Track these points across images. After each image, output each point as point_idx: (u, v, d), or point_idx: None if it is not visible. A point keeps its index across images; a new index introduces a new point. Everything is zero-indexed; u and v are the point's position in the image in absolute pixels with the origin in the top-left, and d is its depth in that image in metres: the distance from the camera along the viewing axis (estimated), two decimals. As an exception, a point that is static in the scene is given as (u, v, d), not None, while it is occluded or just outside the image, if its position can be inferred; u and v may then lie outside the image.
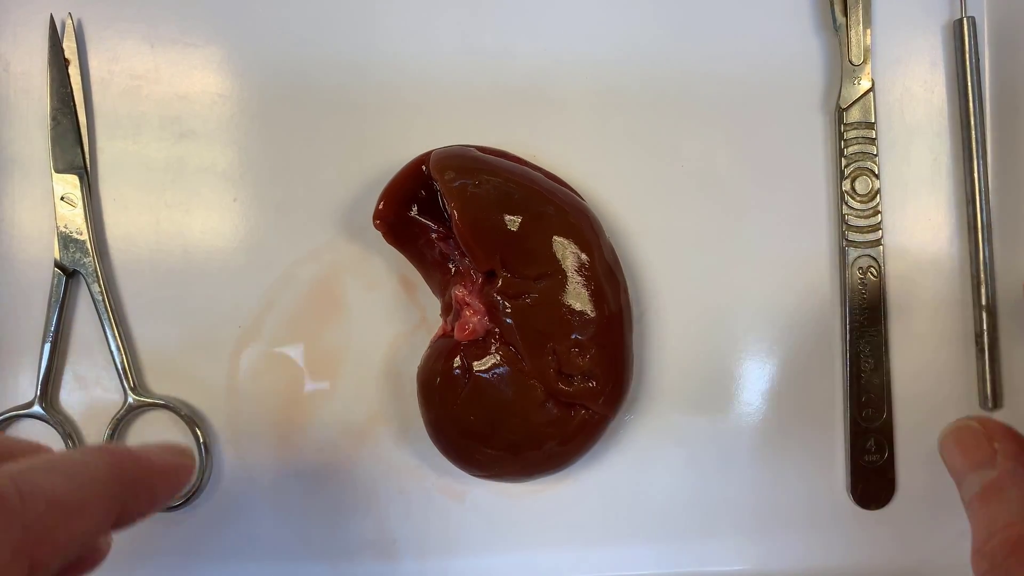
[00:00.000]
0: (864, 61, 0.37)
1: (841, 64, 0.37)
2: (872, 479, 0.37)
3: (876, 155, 0.37)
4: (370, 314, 0.37)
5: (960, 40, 0.37)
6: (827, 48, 0.38)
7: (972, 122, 0.37)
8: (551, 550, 0.38)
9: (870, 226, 0.37)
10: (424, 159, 0.35)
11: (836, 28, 0.37)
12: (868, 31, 0.37)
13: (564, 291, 0.33)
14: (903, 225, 0.38)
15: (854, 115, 0.37)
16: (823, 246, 0.38)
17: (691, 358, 0.38)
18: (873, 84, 0.37)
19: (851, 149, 0.37)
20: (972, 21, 0.37)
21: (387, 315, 0.37)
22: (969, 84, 0.37)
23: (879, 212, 0.37)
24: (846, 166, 0.37)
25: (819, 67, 0.38)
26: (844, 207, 0.37)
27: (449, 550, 0.38)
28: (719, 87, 0.38)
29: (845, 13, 0.37)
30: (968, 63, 0.37)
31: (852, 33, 0.37)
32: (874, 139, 0.37)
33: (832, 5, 0.37)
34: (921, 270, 0.38)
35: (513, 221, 0.33)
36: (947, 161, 0.38)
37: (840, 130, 0.37)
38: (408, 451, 0.37)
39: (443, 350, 0.35)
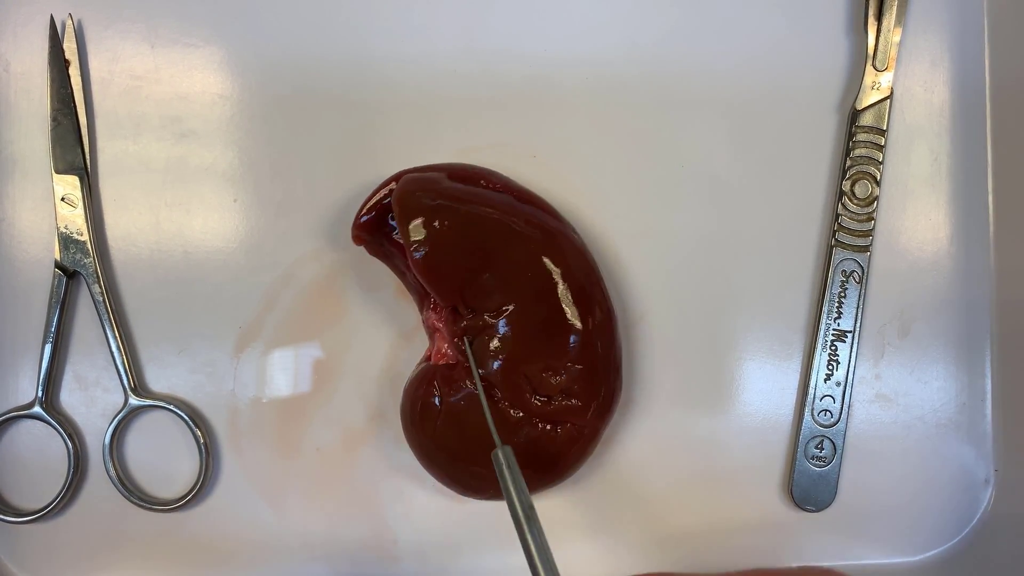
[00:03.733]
0: (887, 68, 0.37)
1: (864, 67, 0.37)
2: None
3: (881, 163, 0.37)
4: (370, 314, 0.37)
5: None
6: (848, 49, 0.38)
7: None
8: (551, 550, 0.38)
9: (862, 231, 0.37)
10: (397, 177, 0.34)
11: (866, 32, 0.37)
12: (897, 40, 0.37)
13: (529, 319, 0.33)
14: (901, 225, 0.38)
15: (867, 119, 0.37)
16: (820, 246, 0.38)
17: (692, 358, 0.38)
18: (892, 93, 0.37)
19: (858, 151, 0.37)
20: None
21: (387, 315, 0.37)
22: None
23: (873, 219, 0.37)
24: (849, 167, 0.37)
25: (836, 68, 0.38)
26: (839, 206, 0.37)
27: (449, 550, 0.38)
28: (722, 86, 0.38)
29: (879, 18, 0.37)
30: None
31: (881, 39, 0.37)
32: (882, 146, 0.37)
33: (866, 10, 0.37)
34: (917, 272, 0.38)
35: (472, 258, 0.33)
36: (947, 161, 0.38)
37: (851, 130, 0.37)
38: (408, 451, 0.37)
39: (421, 377, 0.35)
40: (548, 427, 0.34)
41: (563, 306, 0.33)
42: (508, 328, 0.33)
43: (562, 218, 0.35)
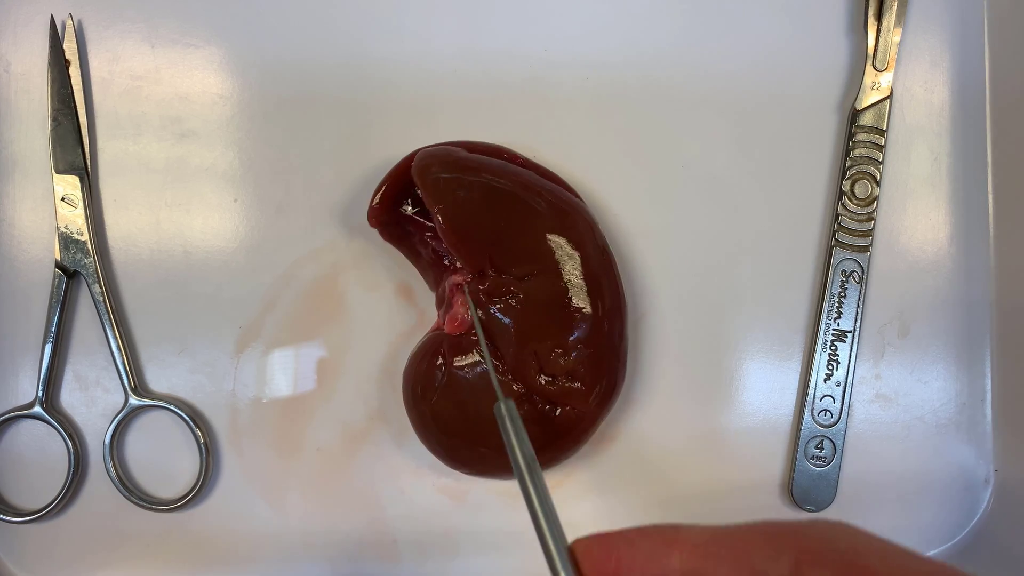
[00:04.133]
0: (887, 68, 0.37)
1: (864, 67, 0.37)
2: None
3: (881, 162, 0.37)
4: (370, 314, 0.37)
5: None
6: (848, 49, 0.38)
7: None
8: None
9: (861, 231, 0.37)
10: (412, 156, 0.34)
11: (866, 32, 0.37)
12: (897, 40, 0.37)
13: (550, 291, 0.33)
14: (901, 225, 0.38)
15: (867, 119, 0.37)
16: (820, 246, 0.38)
17: (692, 358, 0.38)
18: (892, 93, 0.37)
19: (857, 151, 0.37)
20: None
21: (387, 315, 0.37)
22: None
23: (873, 219, 0.37)
24: (849, 167, 0.37)
25: (836, 68, 0.38)
26: (839, 206, 0.37)
27: (449, 550, 0.38)
28: (722, 86, 0.38)
29: (879, 18, 0.37)
30: None
31: (881, 39, 0.37)
32: (882, 146, 0.37)
33: (866, 10, 0.37)
34: (917, 272, 0.38)
35: (498, 221, 0.33)
36: (947, 161, 0.38)
37: (851, 130, 0.37)
38: (408, 451, 0.37)
39: (428, 347, 0.35)
40: (548, 407, 0.34)
41: (579, 283, 0.33)
42: (529, 296, 0.33)
43: (582, 199, 0.36)
